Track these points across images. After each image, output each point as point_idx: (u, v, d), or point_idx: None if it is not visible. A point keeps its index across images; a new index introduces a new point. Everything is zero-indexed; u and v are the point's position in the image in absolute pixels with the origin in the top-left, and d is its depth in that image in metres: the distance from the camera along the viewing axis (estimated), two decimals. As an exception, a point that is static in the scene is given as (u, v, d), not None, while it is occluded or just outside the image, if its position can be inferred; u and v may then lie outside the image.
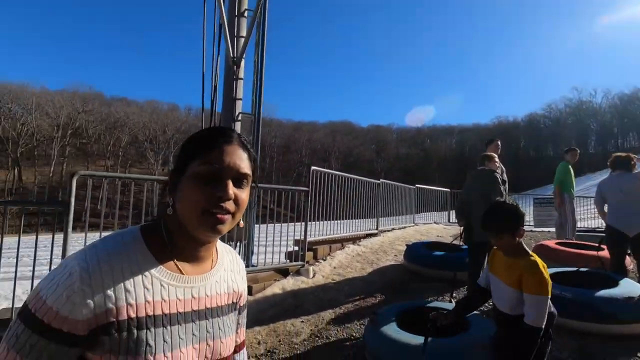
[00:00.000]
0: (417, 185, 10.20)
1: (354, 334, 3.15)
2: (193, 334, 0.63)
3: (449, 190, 11.74)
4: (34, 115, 50.38)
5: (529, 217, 8.72)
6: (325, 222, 5.62)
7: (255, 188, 0.71)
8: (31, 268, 2.64)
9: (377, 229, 7.15)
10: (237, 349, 0.81)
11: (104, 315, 0.54)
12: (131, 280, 0.57)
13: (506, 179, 4.17)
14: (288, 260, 4.71)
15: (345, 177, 6.14)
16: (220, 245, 0.76)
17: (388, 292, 4.16)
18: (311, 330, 3.24)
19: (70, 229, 2.59)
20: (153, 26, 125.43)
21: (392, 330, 2.41)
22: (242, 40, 4.54)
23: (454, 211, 9.09)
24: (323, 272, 4.66)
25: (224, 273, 0.74)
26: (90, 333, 0.54)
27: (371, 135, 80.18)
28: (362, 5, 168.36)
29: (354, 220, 6.45)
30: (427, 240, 6.57)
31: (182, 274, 0.64)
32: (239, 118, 4.53)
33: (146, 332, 0.57)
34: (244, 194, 0.65)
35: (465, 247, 4.04)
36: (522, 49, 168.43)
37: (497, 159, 3.94)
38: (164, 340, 0.58)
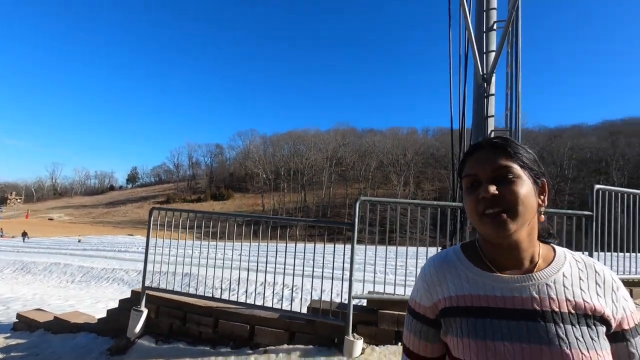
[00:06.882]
0: None
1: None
2: (519, 332, 0.63)
3: None
4: (312, 152, 67.12)
5: None
6: (614, 254, 4.27)
7: (542, 177, 0.72)
8: (330, 270, 3.48)
9: None
10: None
11: (439, 304, 0.73)
12: (452, 278, 0.73)
13: None
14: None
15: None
16: (564, 251, 0.74)
17: None
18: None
19: (355, 242, 3.28)
20: (392, 60, 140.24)
21: None
22: (492, 55, 4.33)
23: None
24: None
25: (562, 279, 0.68)
26: (437, 317, 0.74)
27: (685, 133, 55.28)
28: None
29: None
30: None
31: (494, 272, 0.70)
32: (492, 136, 4.28)
33: (468, 319, 0.67)
34: (512, 187, 0.66)
35: None
36: None
37: None
38: (478, 328, 0.66)
